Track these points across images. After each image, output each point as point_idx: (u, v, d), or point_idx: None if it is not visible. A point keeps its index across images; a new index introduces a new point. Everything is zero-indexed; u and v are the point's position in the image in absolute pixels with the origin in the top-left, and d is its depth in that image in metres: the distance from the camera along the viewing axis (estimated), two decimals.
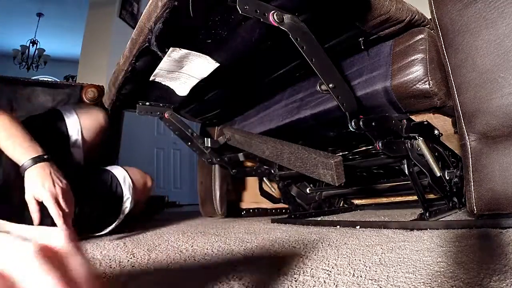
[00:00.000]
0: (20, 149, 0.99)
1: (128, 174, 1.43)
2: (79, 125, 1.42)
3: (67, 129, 1.40)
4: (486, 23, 0.85)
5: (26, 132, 1.04)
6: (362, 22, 0.99)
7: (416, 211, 1.27)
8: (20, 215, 1.01)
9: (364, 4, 0.92)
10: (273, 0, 0.84)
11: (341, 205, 2.14)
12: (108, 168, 1.42)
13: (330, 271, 0.63)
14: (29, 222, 0.92)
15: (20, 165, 0.97)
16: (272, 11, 0.83)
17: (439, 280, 0.51)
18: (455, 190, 1.30)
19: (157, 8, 0.84)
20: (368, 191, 1.87)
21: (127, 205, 1.37)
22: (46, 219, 0.93)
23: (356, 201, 2.18)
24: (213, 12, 0.88)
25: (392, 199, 1.95)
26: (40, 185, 0.94)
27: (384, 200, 2.00)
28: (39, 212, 0.93)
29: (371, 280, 0.55)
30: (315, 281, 0.57)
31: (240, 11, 0.78)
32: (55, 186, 0.95)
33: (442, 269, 0.57)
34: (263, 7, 0.83)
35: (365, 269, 0.63)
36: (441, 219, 1.17)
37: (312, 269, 0.66)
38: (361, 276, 0.58)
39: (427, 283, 0.51)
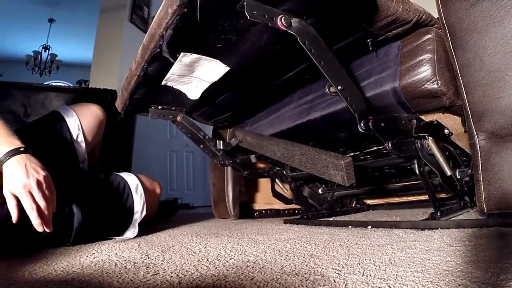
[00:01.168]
0: None
1: (141, 182, 1.43)
2: (78, 121, 1.47)
3: (68, 126, 1.44)
4: (493, 22, 0.85)
5: (4, 127, 1.03)
6: (369, 24, 0.99)
7: (428, 211, 1.27)
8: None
9: (371, 6, 0.92)
10: (281, 4, 0.86)
11: (353, 205, 2.15)
12: (122, 174, 1.43)
13: (340, 271, 0.64)
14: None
15: None
16: (280, 16, 0.85)
17: (447, 279, 0.52)
18: (466, 189, 1.29)
19: (167, 15, 0.86)
20: (380, 191, 1.87)
21: (137, 216, 1.37)
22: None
23: (368, 201, 2.19)
24: (222, 18, 0.90)
25: (404, 199, 1.94)
26: (14, 178, 0.92)
27: (396, 199, 2.00)
28: (18, 207, 0.91)
29: (380, 279, 0.56)
30: (325, 280, 0.58)
31: (248, 17, 0.80)
32: (29, 178, 0.93)
33: (451, 268, 0.58)
34: (271, 12, 0.84)
35: (375, 268, 0.64)
36: (452, 218, 1.17)
37: (322, 268, 0.67)
38: (370, 275, 0.59)
39: (434, 282, 0.51)
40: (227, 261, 0.80)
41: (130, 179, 1.42)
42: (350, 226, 1.29)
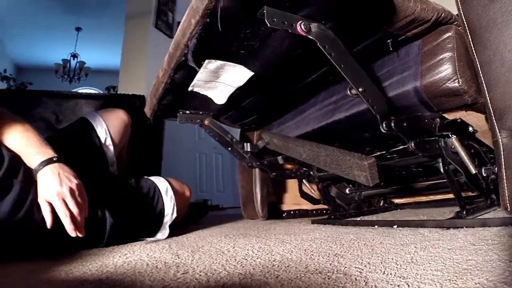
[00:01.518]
0: (31, 154, 1.04)
1: (171, 185, 1.47)
2: (105, 125, 1.52)
3: (96, 132, 1.49)
4: None
5: (37, 137, 1.08)
6: (388, 25, 1.00)
7: (455, 209, 1.26)
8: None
9: (389, 7, 0.93)
10: (300, 10, 0.88)
11: (381, 204, 2.14)
12: (152, 178, 1.47)
13: (362, 269, 0.66)
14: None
15: (33, 169, 1.03)
16: (299, 21, 0.87)
17: (465, 278, 0.53)
18: (492, 187, 1.27)
19: (191, 25, 0.90)
20: (407, 190, 1.86)
21: (168, 219, 1.40)
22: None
23: (396, 200, 2.17)
24: (244, 26, 0.93)
25: (432, 197, 1.93)
26: (48, 187, 0.98)
27: (424, 198, 1.98)
28: (52, 214, 0.97)
29: (400, 277, 0.58)
30: (346, 279, 0.60)
31: (268, 24, 0.82)
32: (62, 186, 0.98)
33: (470, 267, 0.59)
34: (290, 18, 0.86)
35: (396, 267, 0.65)
36: (479, 217, 1.16)
37: (345, 267, 0.69)
38: (391, 274, 0.60)
39: (452, 280, 0.53)
40: (254, 260, 0.83)
41: (160, 182, 1.46)
42: (376, 226, 1.30)
